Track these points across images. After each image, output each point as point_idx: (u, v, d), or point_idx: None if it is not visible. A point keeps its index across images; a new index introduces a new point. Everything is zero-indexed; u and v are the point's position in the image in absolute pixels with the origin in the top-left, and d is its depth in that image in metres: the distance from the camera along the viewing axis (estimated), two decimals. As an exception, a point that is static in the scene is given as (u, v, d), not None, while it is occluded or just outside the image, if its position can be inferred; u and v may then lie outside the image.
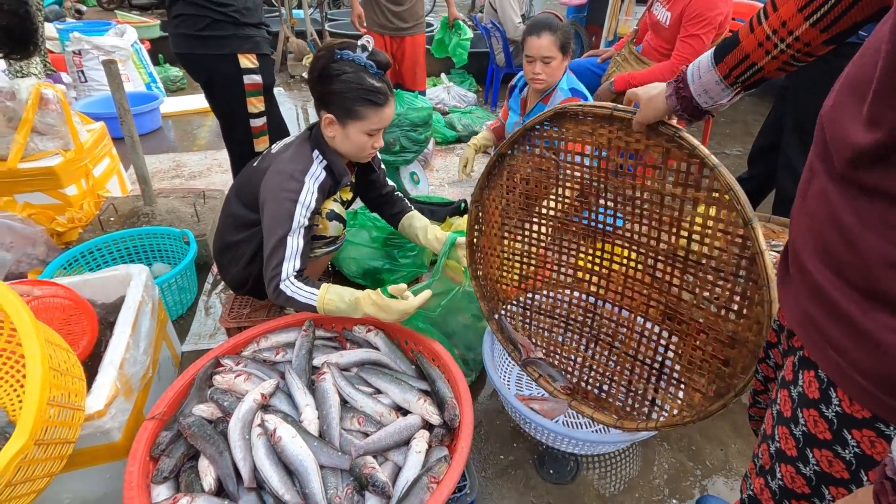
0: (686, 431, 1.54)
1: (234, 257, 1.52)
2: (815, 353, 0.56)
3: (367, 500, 1.02)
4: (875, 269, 0.47)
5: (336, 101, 1.32)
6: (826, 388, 0.58)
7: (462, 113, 3.71)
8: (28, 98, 2.09)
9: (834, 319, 0.52)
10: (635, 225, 1.07)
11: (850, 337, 0.50)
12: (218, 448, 1.05)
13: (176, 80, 4.69)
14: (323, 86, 1.32)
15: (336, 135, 1.38)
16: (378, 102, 1.33)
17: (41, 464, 0.89)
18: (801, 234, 0.58)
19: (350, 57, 1.29)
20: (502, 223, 1.35)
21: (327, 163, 1.40)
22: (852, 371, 0.51)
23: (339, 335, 1.46)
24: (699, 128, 3.65)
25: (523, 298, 1.41)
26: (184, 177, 3.09)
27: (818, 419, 0.59)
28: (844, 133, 0.49)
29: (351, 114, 1.33)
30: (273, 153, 1.45)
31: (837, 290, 0.51)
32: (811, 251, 0.55)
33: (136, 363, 1.23)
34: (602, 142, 1.03)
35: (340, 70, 1.29)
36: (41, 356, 0.88)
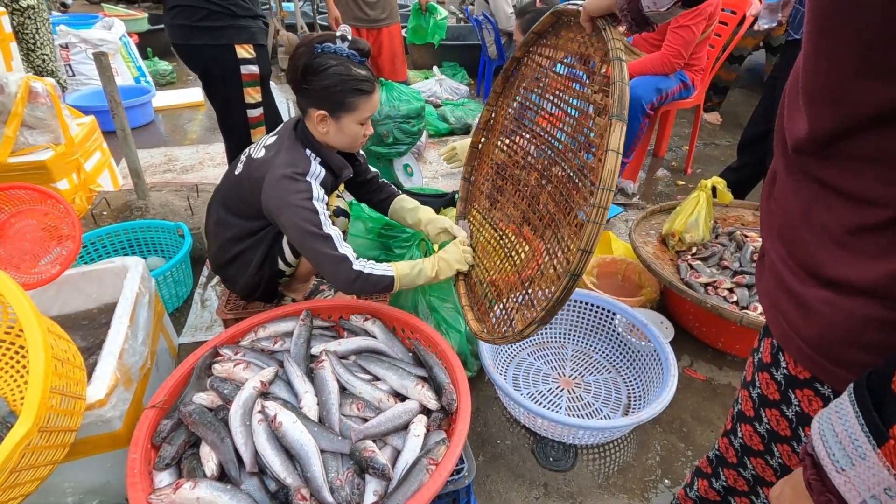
0: (678, 414, 1.58)
1: (241, 267, 1.48)
2: (770, 322, 0.61)
3: (367, 482, 1.04)
4: (810, 248, 0.51)
5: (326, 95, 1.30)
6: (776, 352, 0.63)
7: (454, 105, 3.71)
8: (17, 91, 2.07)
9: (783, 291, 0.56)
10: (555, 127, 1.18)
11: (794, 307, 0.54)
12: (219, 434, 1.07)
13: (165, 74, 4.65)
14: (309, 83, 1.28)
15: (329, 129, 1.36)
16: (368, 90, 1.32)
17: (44, 451, 0.90)
18: (766, 218, 0.62)
19: (332, 49, 1.27)
20: (500, 131, 1.43)
21: (322, 159, 1.38)
22: (796, 336, 0.55)
23: (337, 324, 1.48)
24: (689, 119, 3.69)
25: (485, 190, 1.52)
26: (176, 171, 3.08)
27: (769, 381, 0.65)
28: (790, 124, 0.53)
29: (343, 106, 1.32)
30: (258, 159, 1.38)
31: (786, 266, 0.55)
32: (773, 234, 0.59)
33: (135, 354, 1.24)
34: (574, 48, 1.09)
35: (325, 64, 1.26)
36: (43, 344, 0.89)
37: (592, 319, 1.77)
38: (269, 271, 1.49)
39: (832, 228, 0.47)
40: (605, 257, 2.07)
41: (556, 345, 1.81)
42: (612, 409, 1.56)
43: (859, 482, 0.38)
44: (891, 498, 0.36)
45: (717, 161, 3.32)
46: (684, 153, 3.34)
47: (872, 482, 0.37)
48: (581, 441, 1.44)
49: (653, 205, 2.64)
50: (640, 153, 2.85)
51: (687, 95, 2.73)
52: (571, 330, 1.81)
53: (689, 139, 3.21)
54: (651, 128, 2.81)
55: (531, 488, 1.36)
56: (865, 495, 0.38)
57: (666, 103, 2.67)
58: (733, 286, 1.69)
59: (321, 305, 1.47)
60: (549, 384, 1.66)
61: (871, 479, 0.37)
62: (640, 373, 1.63)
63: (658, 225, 2.08)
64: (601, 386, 1.65)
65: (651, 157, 3.35)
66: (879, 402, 0.38)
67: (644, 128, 2.62)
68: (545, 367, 1.73)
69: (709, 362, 1.78)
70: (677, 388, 1.39)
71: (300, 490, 0.99)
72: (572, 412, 1.56)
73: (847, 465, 0.39)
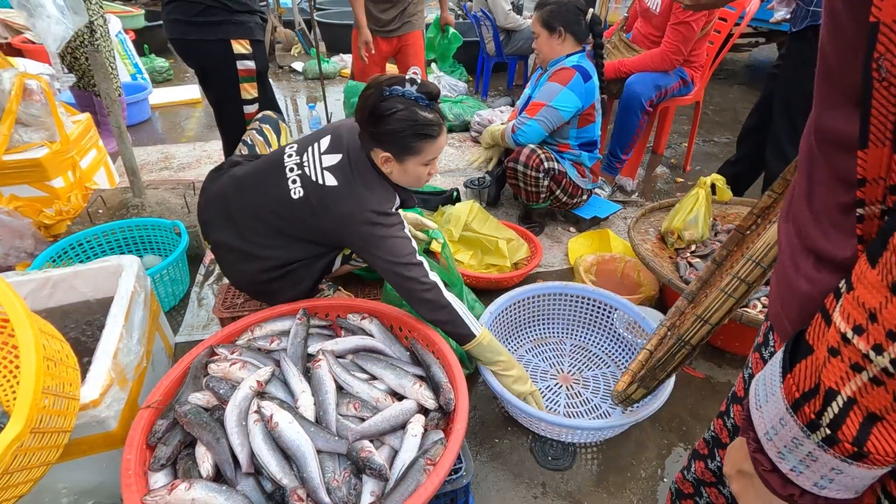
0: (677, 412, 1.57)
1: (289, 284, 1.45)
2: (770, 304, 0.61)
3: (364, 483, 1.03)
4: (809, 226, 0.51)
5: (392, 139, 1.28)
6: (767, 332, 0.63)
7: (453, 102, 3.69)
8: (11, 89, 2.05)
9: (780, 273, 0.56)
10: None
11: (786, 287, 0.55)
12: (215, 435, 1.06)
13: (162, 71, 4.62)
14: (375, 126, 1.28)
15: (393, 170, 1.35)
16: (433, 135, 1.31)
17: (37, 452, 0.89)
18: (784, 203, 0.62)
19: (400, 93, 1.25)
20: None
21: (398, 192, 1.41)
22: (784, 317, 0.55)
23: (334, 323, 1.47)
24: (688, 116, 3.68)
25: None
26: (172, 168, 3.06)
27: (759, 361, 0.65)
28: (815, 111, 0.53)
29: (408, 150, 1.30)
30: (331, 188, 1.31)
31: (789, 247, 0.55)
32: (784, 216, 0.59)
33: (130, 353, 1.23)
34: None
35: (392, 108, 1.25)
36: (35, 345, 0.88)
37: (591, 314, 1.76)
38: (319, 283, 1.52)
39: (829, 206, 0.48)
40: (604, 255, 2.06)
41: (554, 340, 1.80)
42: (611, 405, 1.56)
43: (767, 416, 0.44)
44: (783, 427, 0.42)
45: (716, 158, 3.31)
46: (683, 150, 3.33)
47: (773, 415, 0.43)
48: (578, 440, 1.43)
49: (652, 202, 2.64)
50: (638, 150, 2.84)
51: (686, 92, 2.72)
52: (570, 325, 1.81)
53: (688, 136, 3.20)
54: (650, 125, 2.80)
55: (530, 488, 1.35)
56: (768, 427, 0.44)
57: (665, 100, 2.66)
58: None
59: (318, 304, 1.46)
60: (548, 381, 1.65)
61: (774, 412, 0.43)
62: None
63: (657, 222, 2.08)
64: (600, 381, 1.64)
65: (650, 154, 3.34)
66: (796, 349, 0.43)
67: (643, 125, 2.61)
68: (543, 363, 1.72)
69: (708, 360, 1.77)
70: (676, 386, 1.38)
71: (296, 491, 0.98)
72: (571, 408, 1.56)
73: (763, 403, 0.45)
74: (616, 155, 2.69)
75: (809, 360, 0.40)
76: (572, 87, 2.07)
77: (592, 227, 2.48)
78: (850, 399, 0.36)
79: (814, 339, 0.40)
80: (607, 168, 2.75)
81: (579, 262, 2.00)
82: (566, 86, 2.07)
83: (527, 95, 2.37)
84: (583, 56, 2.15)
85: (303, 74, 4.90)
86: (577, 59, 2.13)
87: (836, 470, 0.39)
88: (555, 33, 2.09)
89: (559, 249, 2.35)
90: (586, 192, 2.37)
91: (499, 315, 1.66)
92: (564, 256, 2.30)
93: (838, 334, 0.36)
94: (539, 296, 1.75)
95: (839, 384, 0.37)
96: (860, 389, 0.36)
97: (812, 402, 0.39)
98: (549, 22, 2.08)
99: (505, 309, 1.69)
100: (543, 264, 2.22)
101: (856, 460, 0.38)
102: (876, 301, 0.33)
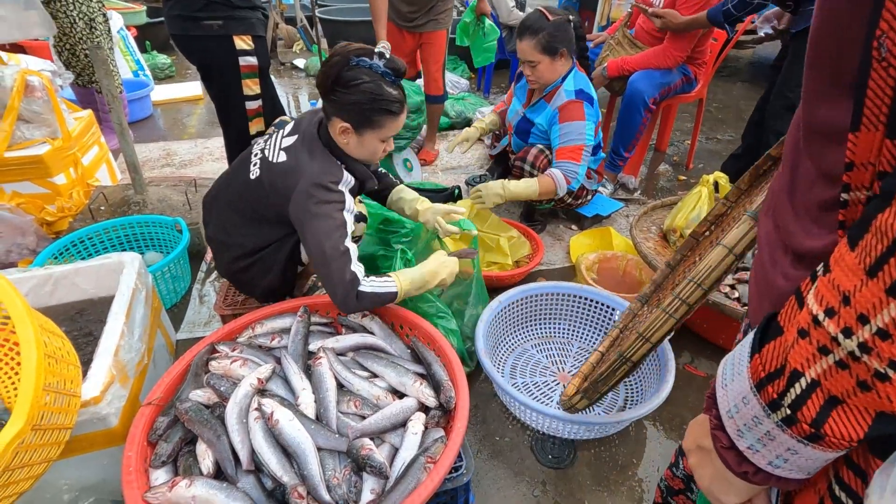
0: (678, 411, 1.57)
1: (260, 273, 1.47)
2: (749, 299, 0.61)
3: (364, 480, 1.03)
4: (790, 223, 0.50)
5: (353, 110, 1.27)
6: (746, 329, 0.63)
7: (455, 99, 3.68)
8: (13, 85, 2.05)
9: (760, 270, 0.56)
10: None
11: (764, 285, 0.54)
12: (215, 432, 1.06)
13: (164, 68, 4.62)
14: (338, 94, 1.26)
15: (350, 142, 1.34)
16: (396, 112, 1.31)
17: (38, 449, 0.89)
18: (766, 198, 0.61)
19: (367, 64, 1.25)
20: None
21: (348, 167, 1.38)
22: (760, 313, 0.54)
23: (335, 320, 1.47)
24: (691, 113, 3.66)
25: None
26: (174, 165, 3.06)
27: None
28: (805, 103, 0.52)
29: (369, 123, 1.30)
30: (281, 164, 1.34)
31: (768, 245, 0.55)
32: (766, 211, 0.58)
33: (132, 350, 1.23)
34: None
35: (358, 78, 1.24)
36: (36, 342, 0.88)
37: (595, 316, 1.76)
38: (291, 274, 1.50)
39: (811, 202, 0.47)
40: (606, 253, 2.06)
41: (561, 340, 1.80)
42: (605, 409, 1.55)
43: (731, 394, 0.45)
44: (745, 405, 0.42)
45: (718, 156, 3.30)
46: (686, 148, 3.31)
47: (737, 393, 0.44)
48: (575, 436, 1.43)
49: (654, 200, 2.62)
50: (641, 148, 2.83)
51: (689, 90, 2.70)
52: (576, 326, 1.80)
53: (691, 134, 3.19)
54: (653, 122, 2.79)
55: (530, 486, 1.35)
56: (731, 405, 0.44)
57: (668, 98, 2.64)
58: (735, 283, 1.68)
59: (319, 302, 1.46)
60: (546, 377, 1.65)
61: (737, 390, 0.44)
62: (640, 371, 1.61)
63: (659, 220, 2.07)
64: (600, 383, 1.64)
65: (652, 151, 3.33)
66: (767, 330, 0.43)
67: (646, 122, 2.60)
68: (545, 360, 1.72)
69: (710, 359, 1.77)
70: (678, 385, 1.38)
71: (297, 488, 0.98)
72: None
73: (729, 381, 0.45)
74: (619, 153, 2.68)
75: (778, 341, 0.40)
76: (589, 117, 2.04)
77: (594, 224, 2.48)
78: (813, 381, 0.37)
79: (785, 321, 0.40)
80: (610, 166, 2.74)
81: (581, 260, 2.00)
82: (585, 120, 2.03)
83: (516, 106, 2.30)
84: (575, 73, 2.08)
85: (304, 71, 4.89)
86: (573, 83, 2.05)
87: (791, 450, 0.40)
88: (557, 55, 2.00)
89: (561, 247, 2.35)
90: (591, 193, 2.36)
91: (504, 308, 1.68)
92: (566, 254, 2.29)
93: (809, 316, 0.36)
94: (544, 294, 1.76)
95: (804, 366, 0.37)
96: (825, 372, 0.36)
97: (776, 382, 0.40)
98: (550, 46, 1.97)
99: (512, 303, 1.70)
100: (545, 262, 2.22)
101: (812, 442, 0.38)
102: (851, 284, 0.33)
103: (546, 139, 2.16)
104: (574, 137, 2.04)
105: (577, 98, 2.03)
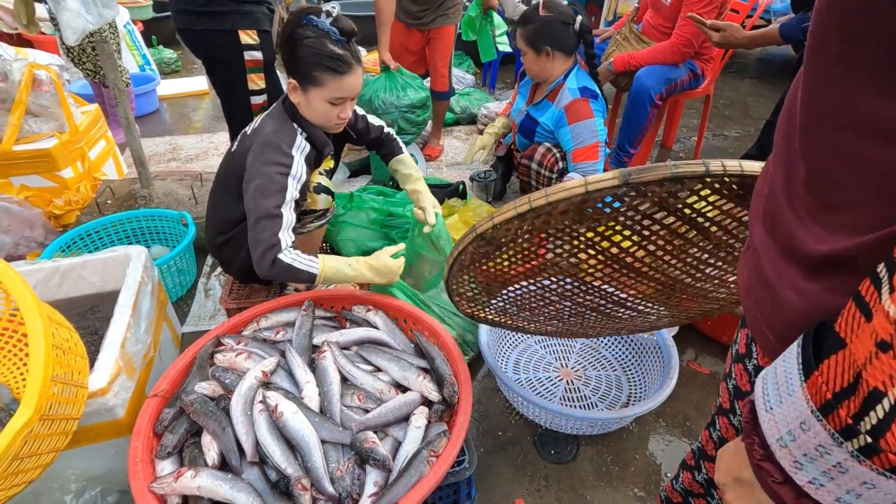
0: (681, 408, 1.57)
1: (234, 249, 1.51)
2: (746, 312, 0.58)
3: (368, 473, 1.04)
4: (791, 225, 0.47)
5: (297, 66, 1.32)
6: (749, 343, 0.61)
7: (460, 95, 3.67)
8: (21, 79, 2.06)
9: (759, 278, 0.53)
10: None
11: (766, 294, 0.51)
12: (220, 424, 1.07)
13: (170, 63, 4.63)
14: (287, 51, 1.32)
15: (300, 101, 1.38)
16: (337, 70, 1.31)
17: (47, 439, 0.90)
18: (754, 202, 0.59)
19: (314, 22, 1.29)
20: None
21: (307, 134, 1.40)
22: (765, 326, 0.52)
23: (339, 315, 1.47)
24: (698, 110, 3.63)
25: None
26: (180, 160, 3.07)
27: (742, 372, 0.63)
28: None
29: (310, 80, 1.32)
30: (249, 133, 1.43)
31: (766, 250, 0.51)
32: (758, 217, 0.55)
33: (138, 342, 1.24)
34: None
35: (303, 35, 1.29)
36: (44, 334, 0.89)
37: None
38: None
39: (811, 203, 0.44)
40: (611, 249, 2.05)
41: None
42: (608, 406, 1.55)
43: (781, 419, 0.39)
44: (805, 432, 0.36)
45: (725, 153, 3.28)
46: (692, 144, 3.29)
47: (791, 417, 0.38)
48: (578, 432, 1.43)
49: (659, 197, 2.60)
50: (647, 144, 2.81)
51: (696, 85, 2.68)
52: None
53: (697, 130, 3.16)
54: (659, 118, 2.77)
55: (532, 480, 1.36)
56: (783, 431, 0.39)
57: (675, 93, 2.63)
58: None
59: (323, 296, 1.47)
60: (549, 373, 1.65)
61: (791, 414, 0.38)
62: (644, 367, 1.61)
63: (664, 217, 2.06)
64: (602, 381, 1.64)
65: (659, 148, 3.31)
66: (821, 343, 0.38)
67: (652, 118, 2.58)
68: (549, 356, 1.72)
69: (714, 356, 1.76)
70: (682, 382, 1.38)
71: (301, 480, 0.99)
72: (566, 402, 1.56)
73: (776, 404, 0.40)
74: (624, 149, 2.67)
75: (841, 355, 0.35)
76: (597, 112, 2.02)
77: (599, 221, 2.46)
78: None
79: (846, 332, 0.35)
80: (615, 162, 2.73)
81: (585, 256, 1.99)
82: (594, 118, 2.01)
83: (520, 103, 2.29)
84: (577, 71, 2.06)
85: (310, 66, 4.88)
86: (575, 81, 2.03)
87: (867, 484, 0.34)
88: (542, 54, 2.00)
89: (565, 243, 2.34)
90: (597, 190, 2.35)
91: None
92: (570, 251, 2.29)
93: (892, 325, 0.31)
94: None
95: (887, 384, 0.31)
96: None
97: (847, 404, 0.34)
98: (533, 43, 1.99)
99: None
100: (549, 258, 2.21)
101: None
102: None
103: (552, 138, 2.15)
104: (587, 137, 2.02)
105: (583, 96, 2.01)
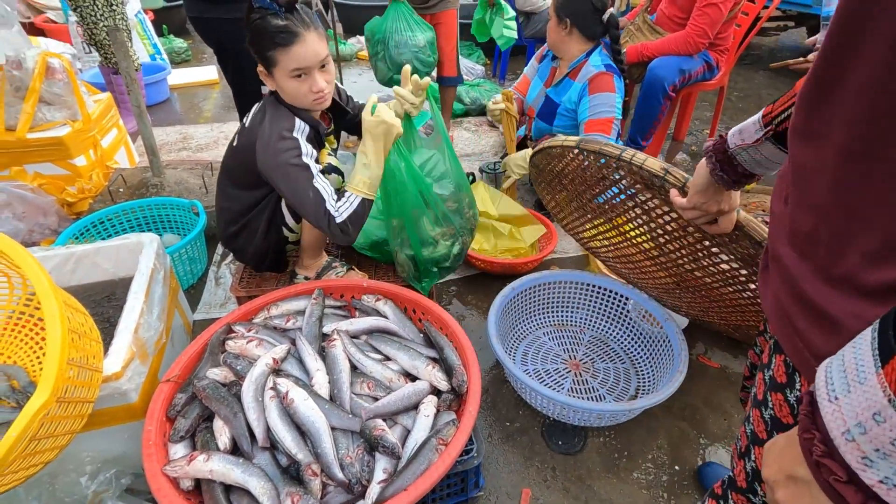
0: (690, 401, 1.56)
1: (248, 237, 1.52)
2: (782, 340, 0.56)
3: (377, 460, 1.05)
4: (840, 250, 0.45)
5: (255, 51, 1.31)
6: (792, 373, 0.59)
7: (470, 86, 3.65)
8: (35, 67, 2.08)
9: (800, 304, 0.50)
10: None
11: (812, 322, 0.48)
12: (232, 409, 1.08)
13: (181, 52, 4.64)
14: (249, 41, 1.31)
15: (274, 87, 1.37)
16: (282, 43, 1.26)
17: (63, 421, 0.92)
18: (777, 221, 0.58)
19: (258, 4, 1.27)
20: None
21: (299, 117, 1.39)
22: (812, 357, 0.49)
23: (349, 304, 1.48)
24: (711, 102, 3.58)
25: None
26: (191, 149, 3.09)
27: (783, 403, 0.61)
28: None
29: (268, 61, 1.31)
30: (248, 126, 1.42)
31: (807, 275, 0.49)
32: (784, 238, 0.54)
33: (151, 328, 1.26)
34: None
35: (252, 18, 1.28)
36: (60, 317, 0.90)
37: (608, 305, 1.75)
38: (275, 238, 1.53)
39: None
40: (621, 242, 2.04)
41: (574, 328, 1.80)
42: (616, 398, 1.55)
43: (848, 409, 0.35)
44: (878, 424, 0.33)
45: (738, 146, 3.23)
46: (705, 137, 3.25)
47: (862, 408, 0.34)
48: (586, 423, 1.43)
49: (671, 190, 2.58)
50: (659, 136, 2.78)
51: (710, 77, 2.64)
52: (590, 315, 1.80)
53: (710, 123, 3.12)
54: (671, 110, 2.74)
55: (540, 470, 1.36)
56: (851, 423, 0.35)
57: (688, 85, 2.59)
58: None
59: (333, 285, 1.47)
60: (558, 364, 1.65)
61: (863, 403, 0.34)
62: (653, 360, 1.61)
63: (676, 210, 2.04)
64: (610, 374, 1.63)
65: (670, 140, 3.27)
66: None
67: (665, 110, 2.55)
68: (557, 347, 1.72)
69: (724, 350, 1.75)
70: (691, 376, 1.37)
71: (311, 466, 1.00)
72: (574, 394, 1.56)
73: (842, 393, 0.36)
74: (636, 141, 2.64)
75: None
76: (618, 90, 2.00)
77: (609, 213, 2.45)
78: None
79: None
80: (626, 154, 2.70)
81: (595, 248, 1.99)
82: (615, 93, 1.99)
83: (537, 86, 2.28)
84: (600, 51, 2.06)
85: (319, 56, 4.86)
86: (599, 59, 2.03)
87: None
88: (561, 24, 2.02)
89: (575, 236, 2.33)
90: (608, 181, 2.34)
91: (517, 296, 1.68)
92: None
93: None
94: (557, 283, 1.76)
95: None
96: None
97: None
98: (559, 9, 2.02)
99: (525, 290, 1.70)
100: (558, 250, 2.21)
101: None
102: None
103: (573, 119, 2.12)
104: (604, 109, 2.00)
105: (608, 70, 2.01)
